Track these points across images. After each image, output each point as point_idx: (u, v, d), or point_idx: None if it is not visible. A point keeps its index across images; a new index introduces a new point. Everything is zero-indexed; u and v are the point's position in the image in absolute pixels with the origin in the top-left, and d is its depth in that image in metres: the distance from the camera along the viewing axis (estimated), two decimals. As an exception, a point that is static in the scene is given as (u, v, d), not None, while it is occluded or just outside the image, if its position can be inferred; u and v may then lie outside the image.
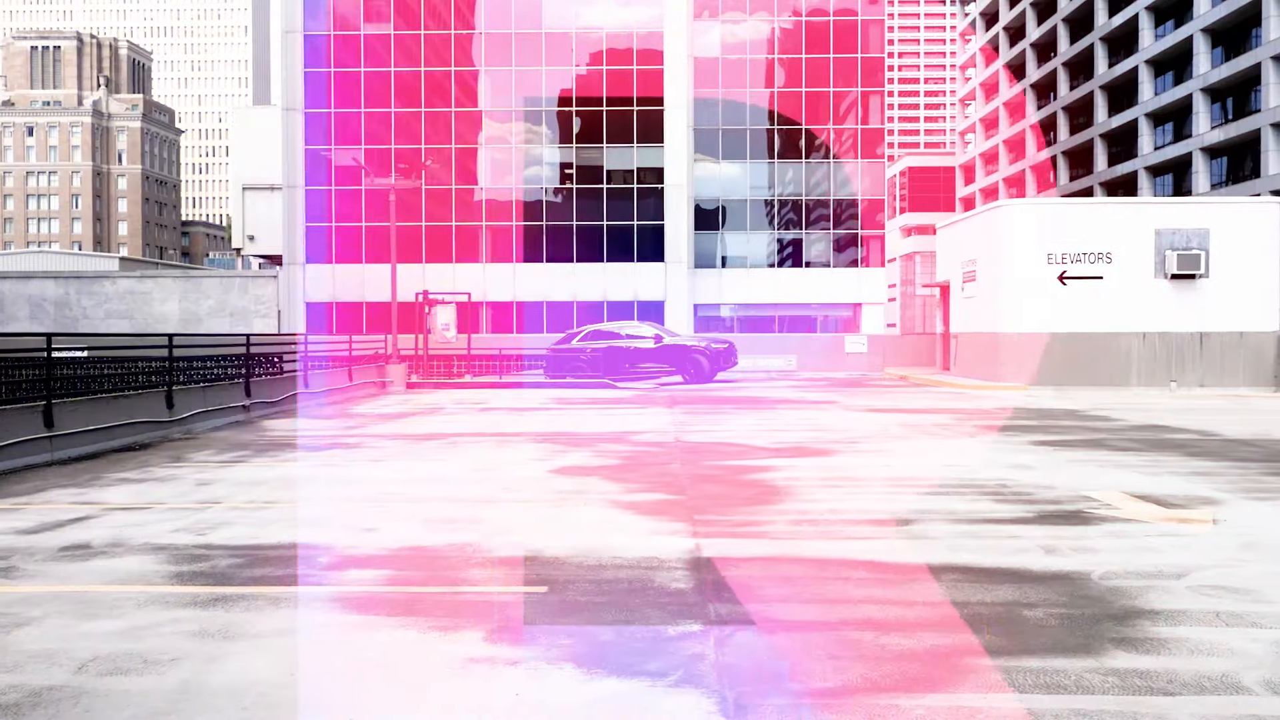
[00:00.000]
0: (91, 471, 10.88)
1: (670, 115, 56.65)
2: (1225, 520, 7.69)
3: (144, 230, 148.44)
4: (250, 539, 7.26)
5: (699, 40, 58.97)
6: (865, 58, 59.30)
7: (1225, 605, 5.33)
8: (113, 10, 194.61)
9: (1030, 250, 23.83)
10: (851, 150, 59.86)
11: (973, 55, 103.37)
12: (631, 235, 56.94)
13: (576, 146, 57.39)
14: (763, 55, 59.58)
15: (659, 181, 56.97)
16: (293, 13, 55.80)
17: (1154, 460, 11.18)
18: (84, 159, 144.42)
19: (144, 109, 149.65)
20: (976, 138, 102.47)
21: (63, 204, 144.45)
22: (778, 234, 60.33)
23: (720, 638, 4.84)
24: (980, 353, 25.69)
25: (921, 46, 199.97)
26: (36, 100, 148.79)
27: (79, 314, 55.19)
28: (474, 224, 57.06)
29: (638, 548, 6.87)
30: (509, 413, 18.62)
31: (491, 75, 57.27)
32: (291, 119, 55.80)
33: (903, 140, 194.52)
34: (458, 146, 56.82)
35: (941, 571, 6.13)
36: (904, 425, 15.44)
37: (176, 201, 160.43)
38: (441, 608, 5.41)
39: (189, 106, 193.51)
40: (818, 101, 59.63)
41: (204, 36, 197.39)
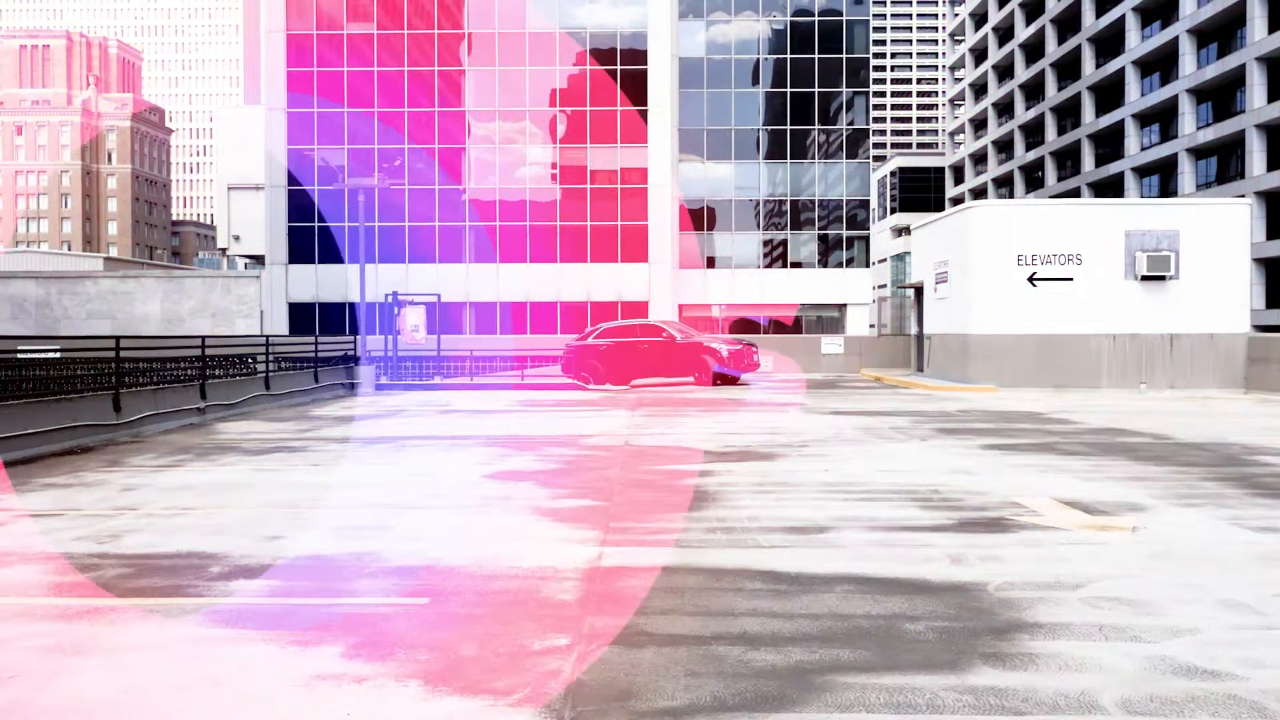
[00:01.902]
0: (20, 476, 10.74)
1: (654, 115, 56.56)
2: (1145, 528, 7.59)
3: (134, 230, 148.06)
4: (149, 548, 7.13)
5: (684, 41, 58.89)
6: (850, 58, 59.29)
7: (1112, 618, 5.22)
8: (103, 9, 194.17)
9: (1000, 252, 23.74)
10: (838, 151, 59.80)
11: (963, 56, 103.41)
12: (616, 235, 56.86)
13: (560, 146, 57.30)
14: (748, 55, 59.52)
15: (643, 181, 56.88)
16: (275, 11, 55.64)
17: (1097, 465, 11.08)
18: (73, 158, 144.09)
19: (133, 108, 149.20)
20: (966, 138, 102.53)
21: (52, 203, 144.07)
22: (764, 234, 60.28)
23: (584, 653, 4.72)
24: (952, 354, 25.60)
25: (914, 47, 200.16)
26: (25, 99, 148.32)
27: (60, 314, 54.96)
28: (457, 224, 56.94)
29: (539, 557, 6.75)
30: (470, 415, 18.49)
31: (475, 75, 57.15)
32: (274, 118, 55.67)
33: (895, 140, 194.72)
34: (441, 146, 56.70)
35: (838, 582, 6.02)
36: (860, 428, 15.33)
37: (167, 201, 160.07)
38: (313, 621, 5.29)
39: (180, 106, 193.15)
40: (803, 102, 59.57)
41: (195, 35, 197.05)
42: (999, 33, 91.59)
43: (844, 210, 59.92)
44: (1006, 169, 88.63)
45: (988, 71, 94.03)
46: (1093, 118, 71.94)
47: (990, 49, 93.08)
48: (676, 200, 58.64)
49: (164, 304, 55.50)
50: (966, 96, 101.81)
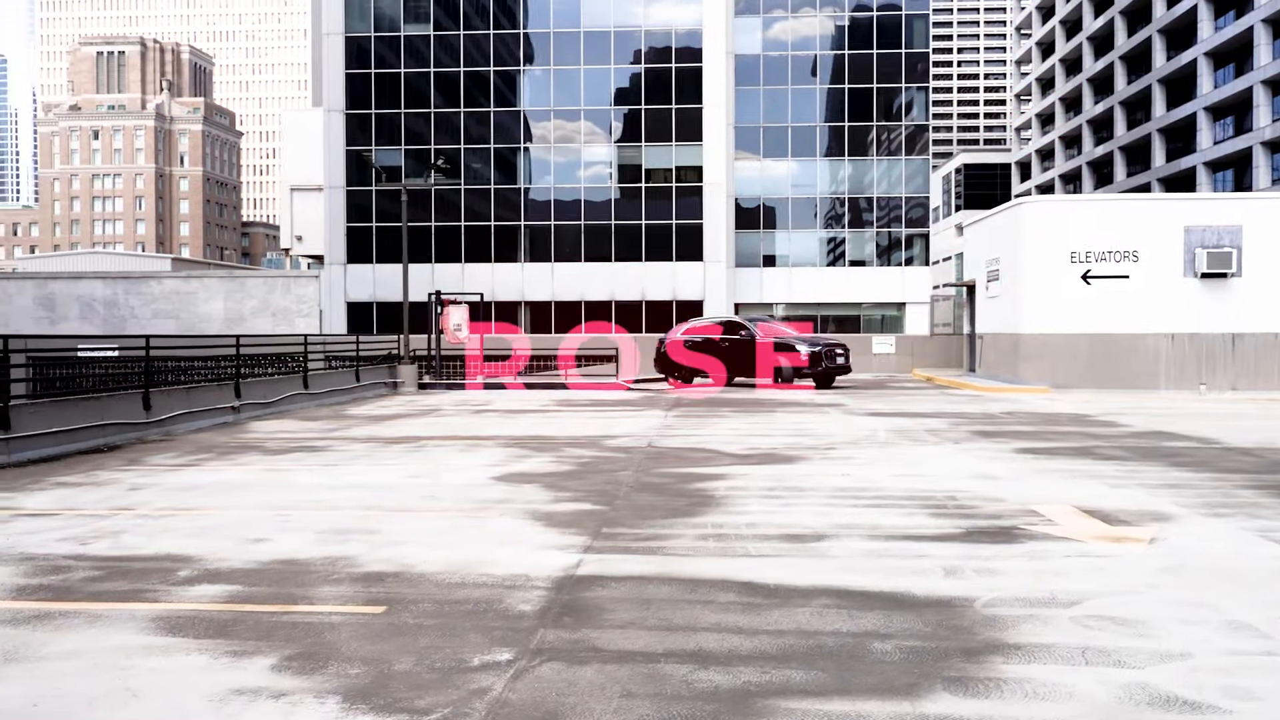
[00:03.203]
0: (36, 475, 10.80)
1: (709, 113, 56.20)
2: (1163, 539, 7.14)
3: (205, 231, 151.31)
4: (128, 550, 7.04)
5: (740, 38, 58.39)
6: (910, 53, 58.34)
7: (1100, 640, 4.84)
8: (176, 15, 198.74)
9: (1052, 249, 23.03)
10: (897, 147, 58.89)
11: (1029, 50, 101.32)
12: (670, 234, 56.60)
13: (615, 145, 57.19)
14: (806, 52, 58.84)
15: (698, 180, 56.54)
16: (334, 14, 56.30)
17: (1132, 470, 10.58)
18: (147, 161, 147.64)
19: (205, 112, 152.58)
20: (1033, 133, 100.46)
21: (127, 205, 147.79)
22: (820, 232, 59.61)
23: (523, 669, 4.48)
24: (1003, 354, 24.93)
25: (981, 42, 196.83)
26: (102, 105, 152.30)
27: (127, 314, 56.19)
28: (513, 223, 57.11)
29: (516, 564, 6.53)
30: (502, 416, 18.38)
31: (531, 74, 57.28)
32: (332, 119, 56.31)
33: (962, 137, 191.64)
34: (497, 146, 56.93)
35: (817, 595, 5.71)
36: (894, 430, 14.90)
37: (236, 203, 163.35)
38: (259, 629, 5.12)
39: (249, 109, 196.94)
40: (862, 98, 58.75)
41: (264, 40, 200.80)
42: (1067, 25, 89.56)
43: (903, 208, 58.99)
44: (1074, 165, 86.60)
45: (1055, 65, 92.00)
46: (1163, 111, 69.95)
47: (1058, 42, 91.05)
48: (732, 199, 58.19)
49: (226, 303, 56.46)
50: (1033, 91, 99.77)
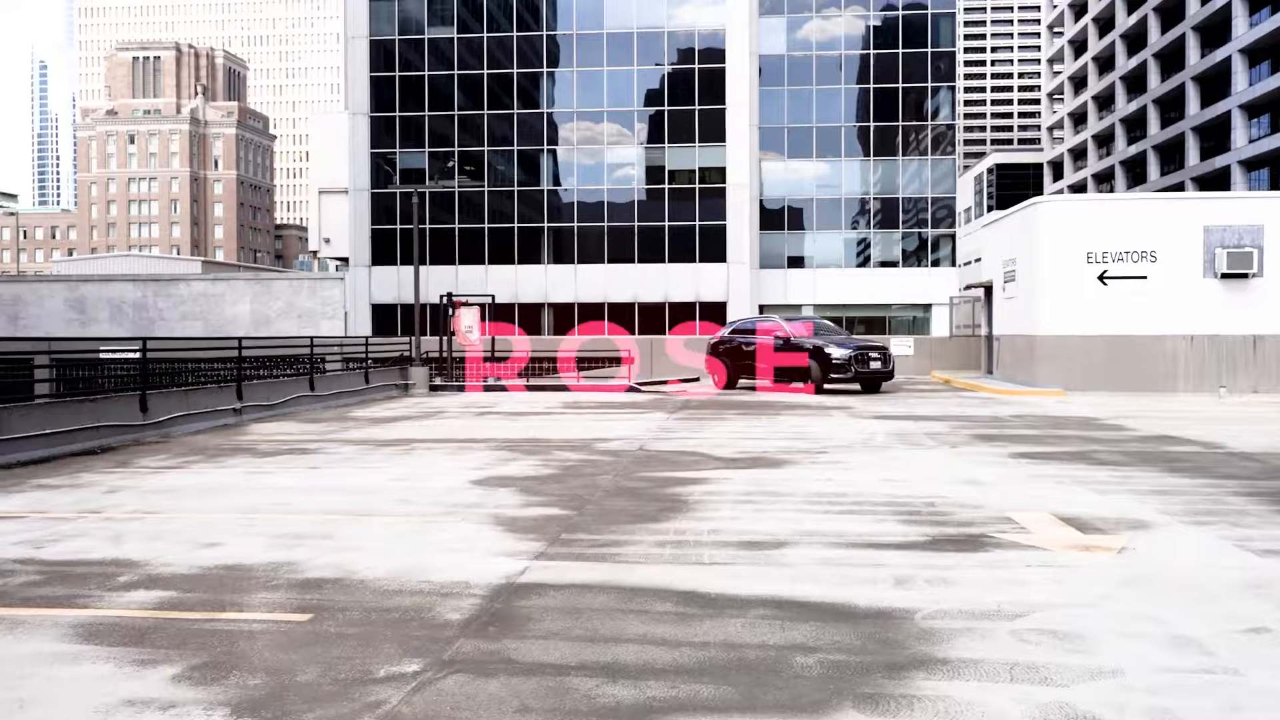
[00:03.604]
0: (20, 477, 10.83)
1: (733, 114, 55.98)
2: (1133, 549, 6.92)
3: (239, 234, 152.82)
4: (79, 554, 7.00)
5: (765, 39, 58.13)
6: (936, 52, 57.83)
7: (1033, 655, 4.66)
8: (212, 21, 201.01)
9: (1068, 249, 22.66)
10: (924, 147, 58.39)
11: (1061, 48, 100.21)
12: (694, 235, 56.44)
13: (639, 146, 57.10)
14: (831, 52, 58.48)
15: (722, 181, 56.33)
16: (359, 18, 56.61)
17: (1125, 476, 10.31)
18: (182, 165, 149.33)
19: (239, 116, 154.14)
20: (1065, 133, 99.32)
21: (162, 209, 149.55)
22: (846, 233, 59.22)
23: (427, 682, 4.37)
24: (1019, 356, 24.56)
25: (1015, 40, 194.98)
26: (138, 109, 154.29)
27: (155, 316, 56.79)
28: (536, 225, 57.14)
29: (461, 571, 6.42)
30: (504, 418, 18.31)
31: (553, 76, 57.31)
32: (357, 123, 56.61)
33: (995, 137, 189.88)
34: (520, 148, 57.00)
35: (756, 606, 5.55)
36: (893, 434, 14.67)
37: (270, 206, 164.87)
38: (176, 637, 5.04)
39: (283, 113, 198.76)
40: (888, 98, 58.32)
41: (298, 44, 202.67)
42: (1099, 23, 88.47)
43: (930, 208, 58.47)
44: (1107, 164, 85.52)
45: (1087, 63, 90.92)
46: (1197, 109, 68.88)
47: (1090, 40, 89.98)
48: (756, 200, 57.93)
49: (253, 305, 56.92)
50: (1065, 90, 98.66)
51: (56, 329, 55.70)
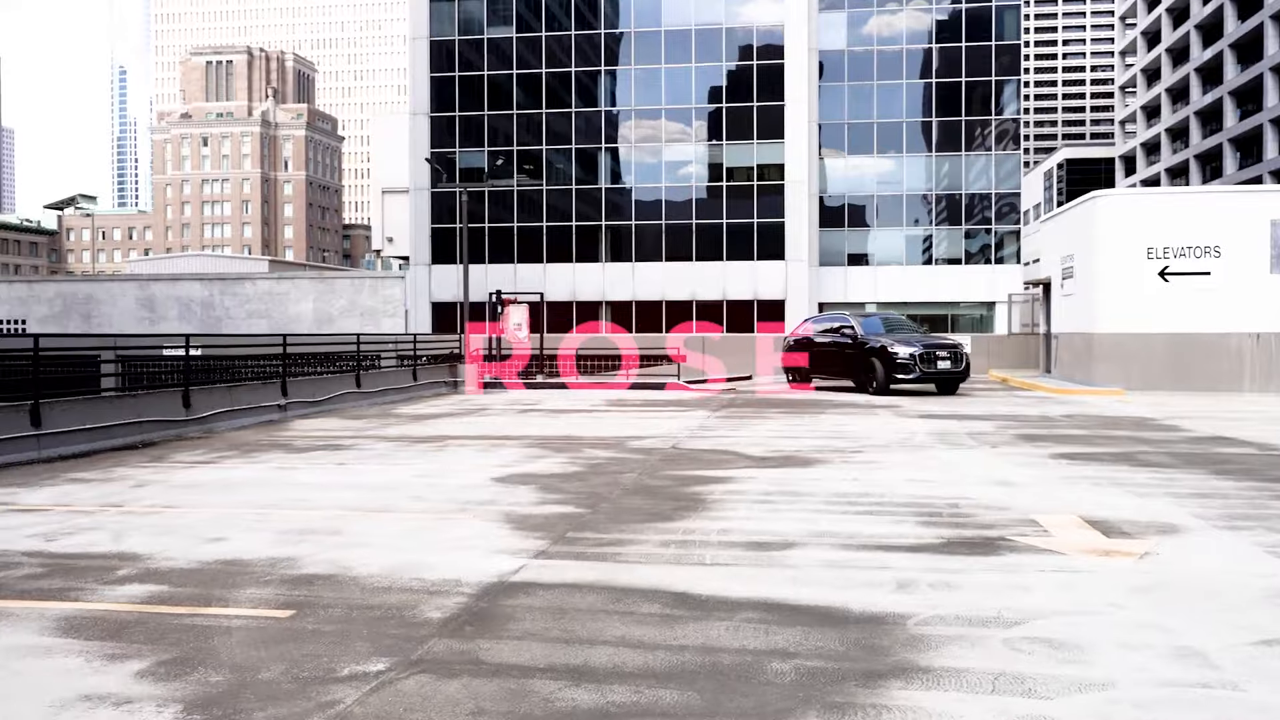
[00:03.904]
0: (56, 471, 11.03)
1: (791, 110, 55.48)
2: (1157, 554, 6.61)
3: (307, 233, 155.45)
4: (87, 547, 7.06)
5: (824, 34, 57.51)
6: (1000, 45, 56.74)
7: (1023, 665, 4.44)
8: (282, 25, 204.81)
9: (1127, 244, 22.00)
10: (987, 142, 57.34)
11: (1134, 40, 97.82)
12: (752, 233, 56.06)
13: (696, 144, 56.86)
14: (892, 46, 57.69)
15: (780, 178, 55.86)
16: (420, 19, 57.14)
17: (1168, 478, 9.92)
18: (253, 166, 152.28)
19: (307, 118, 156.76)
20: (1138, 127, 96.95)
21: (234, 209, 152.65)
22: (907, 230, 58.38)
23: (388, 682, 4.29)
24: (1076, 355, 23.93)
25: (1088, 33, 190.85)
26: (211, 112, 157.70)
27: (222, 314, 57.91)
28: (594, 223, 57.20)
29: (456, 569, 6.34)
30: (545, 415, 18.28)
31: (611, 74, 57.31)
32: (418, 123, 57.16)
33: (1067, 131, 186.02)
34: (578, 146, 57.10)
35: (746, 609, 5.39)
36: (935, 433, 14.34)
37: (338, 206, 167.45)
38: (153, 632, 5.03)
39: (351, 114, 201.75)
40: (951, 93, 57.37)
41: (366, 46, 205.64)
42: (1173, 14, 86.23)
43: (993, 205, 57.40)
44: (1181, 158, 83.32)
45: (1161, 55, 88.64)
46: (1276, 101, 66.75)
47: (1164, 31, 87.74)
48: (815, 196, 57.36)
49: (316, 304, 57.79)
50: (1138, 83, 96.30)
51: (127, 326, 57.11)
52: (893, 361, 21.81)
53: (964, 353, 22.33)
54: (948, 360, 21.88)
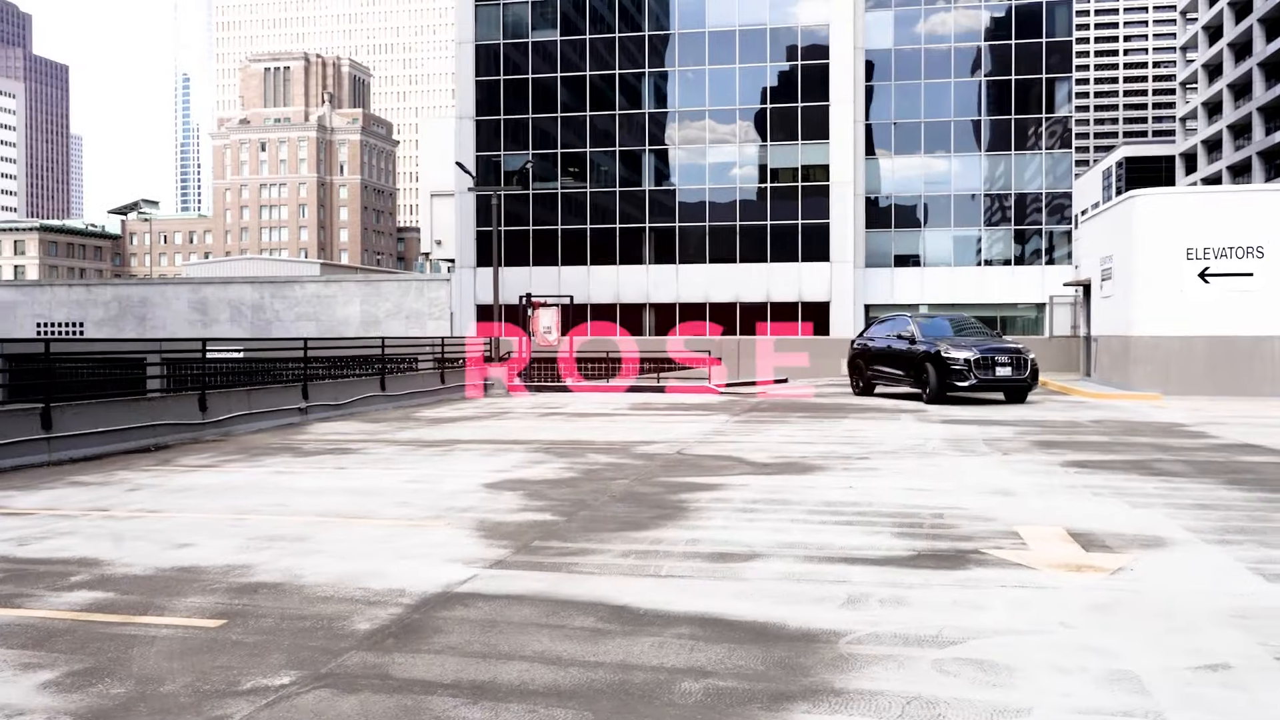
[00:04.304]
0: (61, 474, 11.19)
1: (837, 110, 54.99)
2: (1132, 570, 6.36)
3: (362, 236, 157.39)
4: (54, 553, 7.12)
5: (871, 33, 56.90)
6: (1051, 42, 55.74)
7: (943, 688, 4.26)
8: (339, 31, 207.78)
9: (1166, 244, 21.43)
10: (1038, 141, 56.36)
11: (1195, 35, 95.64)
12: (797, 234, 55.63)
13: (740, 145, 56.59)
14: (940, 45, 56.93)
15: (825, 179, 55.38)
16: (466, 24, 57.55)
17: (1174, 488, 9.60)
18: (309, 171, 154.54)
19: (363, 122, 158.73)
20: (1199, 123, 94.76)
21: (291, 213, 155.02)
22: (955, 231, 57.57)
23: (287, 696, 4.22)
24: (1114, 358, 23.37)
25: (1150, 29, 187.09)
26: (269, 118, 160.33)
27: (272, 316, 58.77)
28: (638, 225, 57.15)
29: (406, 578, 6.28)
30: (566, 418, 18.24)
31: (656, 76, 57.24)
32: (463, 126, 57.56)
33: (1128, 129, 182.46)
34: (621, 149, 57.11)
35: (682, 623, 5.26)
36: (949, 439, 14.05)
37: (392, 209, 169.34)
38: (78, 641, 5.02)
39: (406, 119, 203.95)
40: (1001, 91, 56.49)
41: (421, 52, 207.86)
42: (1235, 7, 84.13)
43: (1044, 204, 56.39)
44: (1243, 155, 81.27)
45: (1223, 50, 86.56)
46: (1340, 95, 64.83)
47: (1226, 25, 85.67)
48: (861, 197, 56.78)
49: (362, 306, 58.43)
50: (1199, 78, 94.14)
51: (180, 329, 58.20)
52: (947, 367, 20.11)
53: (1028, 358, 20.36)
54: (1008, 366, 20.10)
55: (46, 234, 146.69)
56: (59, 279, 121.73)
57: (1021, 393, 20.64)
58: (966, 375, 19.89)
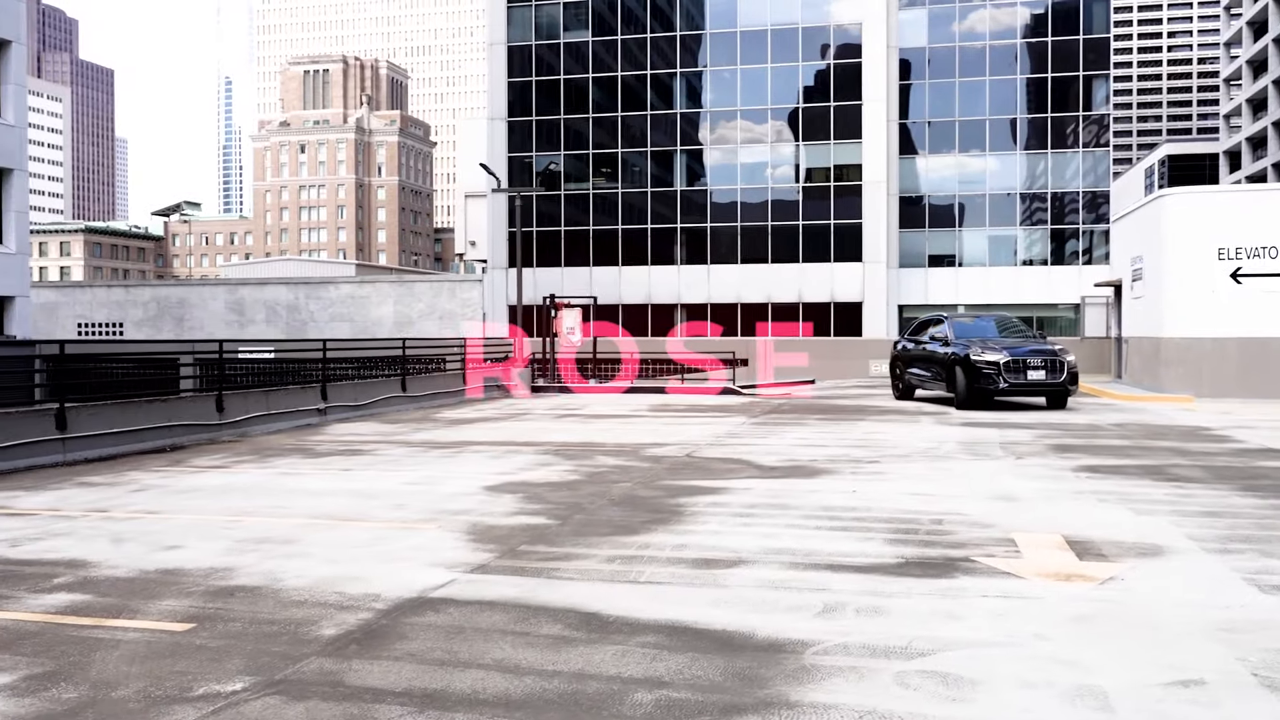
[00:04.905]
0: (71, 474, 11.31)
1: (869, 109, 54.59)
2: (1120, 580, 6.21)
3: (400, 238, 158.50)
4: (42, 554, 7.17)
5: (904, 31, 56.43)
6: (1088, 39, 54.98)
7: (899, 703, 4.16)
8: (377, 33, 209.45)
9: (1197, 244, 21.04)
10: (1075, 140, 55.63)
11: (1239, 30, 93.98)
12: (829, 234, 55.29)
13: (773, 144, 56.34)
14: (975, 43, 56.34)
15: (858, 178, 55.00)
16: (498, 25, 57.75)
17: (1184, 494, 9.39)
18: (348, 172, 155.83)
19: (400, 124, 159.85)
20: (1243, 120, 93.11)
21: (329, 214, 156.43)
22: (990, 230, 56.96)
23: (236, 702, 4.20)
24: (1145, 360, 22.98)
25: (1195, 25, 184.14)
26: (308, 120, 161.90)
27: (307, 317, 59.29)
28: (669, 226, 57.07)
29: (384, 582, 6.26)
30: (582, 420, 18.22)
31: (688, 76, 57.13)
32: (495, 127, 57.76)
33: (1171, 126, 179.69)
34: (653, 149, 57.05)
35: (649, 631, 5.19)
36: (965, 442, 13.86)
37: (430, 210, 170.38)
38: (44, 644, 5.04)
39: (444, 120, 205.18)
40: (1037, 89, 55.81)
41: (458, 54, 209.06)
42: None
43: (1080, 203, 55.65)
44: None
45: (1268, 45, 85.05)
46: (1389, 91, 63.42)
47: (1271, 20, 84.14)
48: (895, 197, 56.33)
49: (396, 307, 58.79)
50: (1244, 74, 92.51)
51: (217, 329, 58.89)
52: (975, 371, 18.86)
53: (1064, 360, 18.98)
54: (1041, 369, 18.74)
55: (91, 236, 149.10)
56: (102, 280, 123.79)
57: (1059, 397, 19.42)
58: (996, 379, 18.73)
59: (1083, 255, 55.75)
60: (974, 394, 19.05)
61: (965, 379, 19.07)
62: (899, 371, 22.69)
